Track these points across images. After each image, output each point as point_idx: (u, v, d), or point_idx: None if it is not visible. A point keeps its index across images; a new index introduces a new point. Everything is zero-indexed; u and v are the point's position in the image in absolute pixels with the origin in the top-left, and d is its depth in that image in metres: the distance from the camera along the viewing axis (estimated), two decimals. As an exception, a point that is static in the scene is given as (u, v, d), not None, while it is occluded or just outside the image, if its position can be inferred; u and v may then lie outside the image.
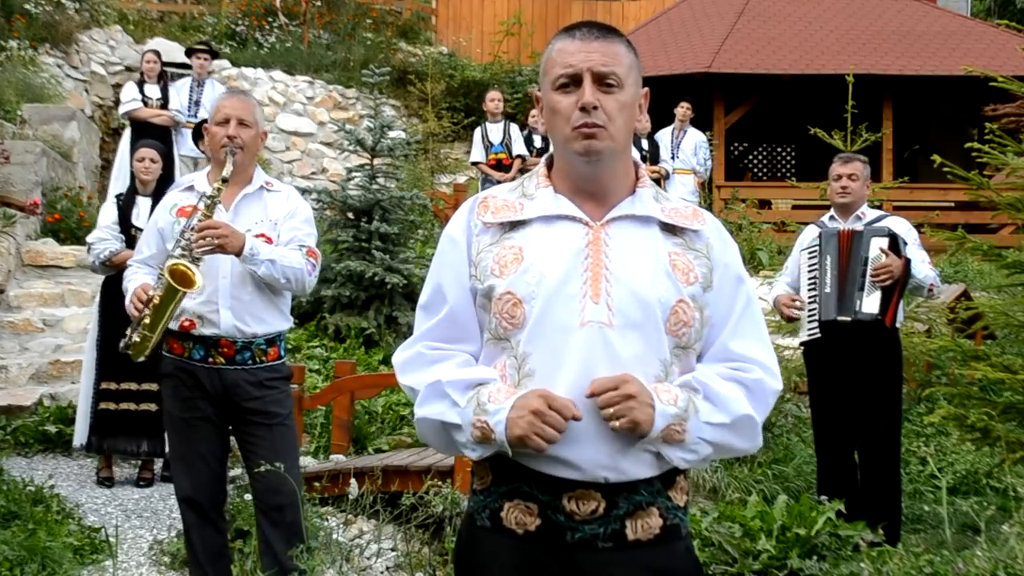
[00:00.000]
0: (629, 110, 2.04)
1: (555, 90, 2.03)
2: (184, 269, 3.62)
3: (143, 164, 6.13)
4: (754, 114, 14.38)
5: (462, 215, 2.12)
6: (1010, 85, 5.37)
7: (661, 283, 2.00)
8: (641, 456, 1.97)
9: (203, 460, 3.91)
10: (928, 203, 12.37)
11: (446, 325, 2.09)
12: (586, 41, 2.02)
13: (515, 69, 15.44)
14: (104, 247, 5.94)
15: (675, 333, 2.01)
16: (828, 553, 4.45)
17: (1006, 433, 4.96)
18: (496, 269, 2.02)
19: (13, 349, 8.08)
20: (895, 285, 5.15)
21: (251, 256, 3.74)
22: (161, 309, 3.68)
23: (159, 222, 3.98)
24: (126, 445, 6.13)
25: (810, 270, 5.39)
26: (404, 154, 9.82)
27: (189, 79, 10.35)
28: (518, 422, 1.91)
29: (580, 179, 2.06)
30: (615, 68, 2.01)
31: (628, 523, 1.99)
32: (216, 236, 3.66)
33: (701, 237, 2.09)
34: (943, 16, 15.12)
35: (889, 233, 5.20)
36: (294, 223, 3.96)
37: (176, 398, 3.92)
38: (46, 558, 4.59)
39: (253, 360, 3.89)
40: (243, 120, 3.87)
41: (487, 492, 2.06)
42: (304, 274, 3.88)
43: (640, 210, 2.05)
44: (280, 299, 3.97)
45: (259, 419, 3.90)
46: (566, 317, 1.97)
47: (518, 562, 2.01)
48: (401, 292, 8.58)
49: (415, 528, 5.22)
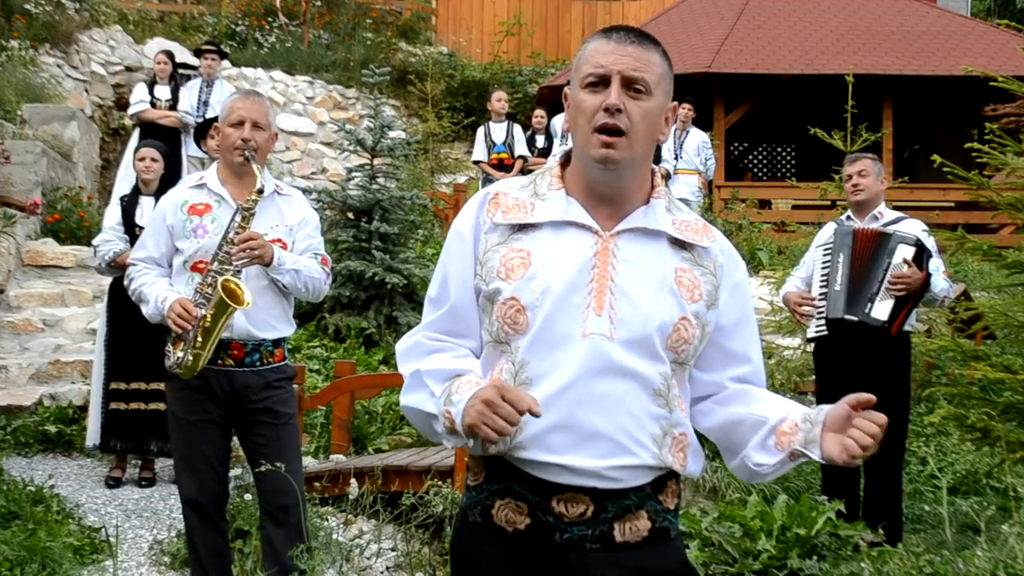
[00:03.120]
0: (654, 119, 2.03)
1: (583, 88, 2.02)
2: (234, 287, 3.63)
3: (144, 164, 6.16)
4: (754, 114, 14.38)
5: (471, 210, 2.10)
6: (1010, 85, 5.36)
7: (665, 300, 2.00)
8: (632, 467, 1.98)
9: (207, 463, 3.91)
10: (928, 203, 12.36)
11: (448, 319, 2.09)
12: (621, 44, 2.01)
13: (515, 69, 15.45)
14: (109, 248, 5.97)
15: (674, 349, 2.01)
16: (828, 553, 4.45)
17: (1006, 433, 4.96)
18: (502, 272, 2.01)
19: (13, 349, 8.08)
20: (909, 297, 5.13)
21: (279, 266, 3.79)
22: (212, 327, 3.68)
23: (168, 218, 3.91)
24: (136, 445, 6.17)
25: (823, 267, 5.36)
26: (404, 154, 9.82)
27: (199, 80, 10.35)
28: (470, 411, 1.91)
29: (594, 184, 2.04)
30: (645, 74, 2.00)
31: (616, 525, 2.00)
32: (255, 247, 3.69)
33: (710, 254, 2.08)
34: (943, 16, 15.13)
35: (917, 243, 5.12)
36: (308, 231, 4.00)
37: (182, 400, 3.91)
38: (46, 558, 4.59)
39: (261, 361, 3.90)
40: (257, 123, 3.85)
41: (479, 489, 2.08)
42: (321, 283, 3.96)
43: (651, 223, 2.04)
44: (289, 305, 4.01)
45: (266, 419, 3.90)
46: (568, 327, 1.97)
47: (506, 558, 2.02)
48: (401, 292, 8.58)
49: (415, 528, 5.22)
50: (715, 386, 2.12)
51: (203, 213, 3.85)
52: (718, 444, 2.16)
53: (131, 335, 6.07)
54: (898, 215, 5.52)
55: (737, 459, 2.10)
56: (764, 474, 2.07)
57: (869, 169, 5.37)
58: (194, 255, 3.82)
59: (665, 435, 2.00)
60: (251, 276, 3.80)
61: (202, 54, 10.48)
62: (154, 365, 6.07)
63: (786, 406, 2.08)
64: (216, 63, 10.42)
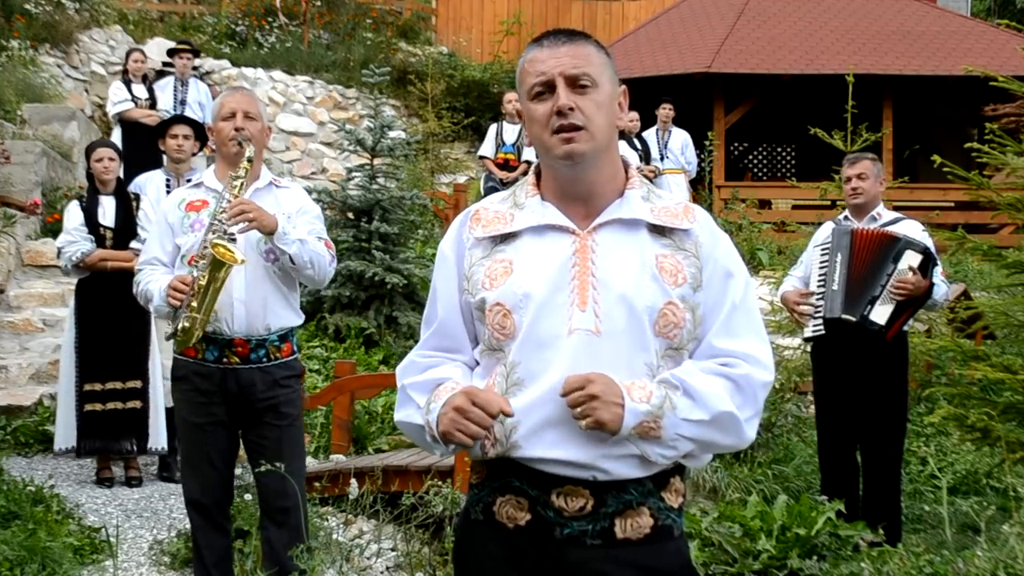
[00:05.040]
0: (607, 108, 2.05)
1: (531, 100, 2.06)
2: (223, 249, 3.61)
3: (102, 164, 6.13)
4: (754, 114, 14.38)
5: (454, 229, 2.16)
6: (1010, 85, 5.36)
7: (647, 287, 2.01)
8: (628, 457, 1.99)
9: (212, 464, 3.90)
10: (928, 203, 12.36)
11: (438, 336, 2.15)
12: (554, 47, 2.04)
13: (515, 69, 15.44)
14: (76, 249, 5.95)
15: (666, 335, 2.02)
16: (828, 553, 4.45)
17: (1006, 433, 4.96)
18: (487, 282, 2.05)
19: (13, 349, 8.08)
20: (909, 304, 5.12)
21: (283, 235, 3.75)
22: (207, 289, 3.63)
23: (168, 217, 3.93)
24: (113, 444, 6.12)
25: (821, 267, 5.36)
26: (404, 154, 9.82)
27: (172, 78, 10.35)
28: (443, 419, 1.98)
29: (566, 184, 2.07)
30: (586, 69, 2.02)
31: (617, 521, 2.00)
32: (249, 210, 3.67)
33: (691, 236, 2.08)
34: (943, 16, 15.12)
35: (924, 251, 5.10)
36: (308, 218, 3.98)
37: (189, 402, 3.90)
38: (46, 558, 4.59)
39: (268, 357, 3.87)
40: (248, 113, 3.87)
41: (481, 486, 2.10)
42: (326, 263, 3.90)
43: (627, 213, 2.06)
44: (291, 294, 3.96)
45: (271, 419, 3.89)
46: (554, 326, 1.99)
47: (507, 555, 2.04)
48: (401, 292, 8.59)
49: (415, 528, 5.22)
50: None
51: (200, 209, 3.86)
52: None
53: (102, 335, 6.05)
54: (896, 215, 5.51)
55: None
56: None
57: (868, 172, 5.35)
58: (191, 249, 3.81)
59: None
60: (249, 262, 3.77)
61: (176, 53, 10.51)
62: (129, 363, 6.11)
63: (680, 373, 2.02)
64: (190, 61, 10.47)
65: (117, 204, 6.10)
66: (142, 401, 6.11)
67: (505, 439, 2.00)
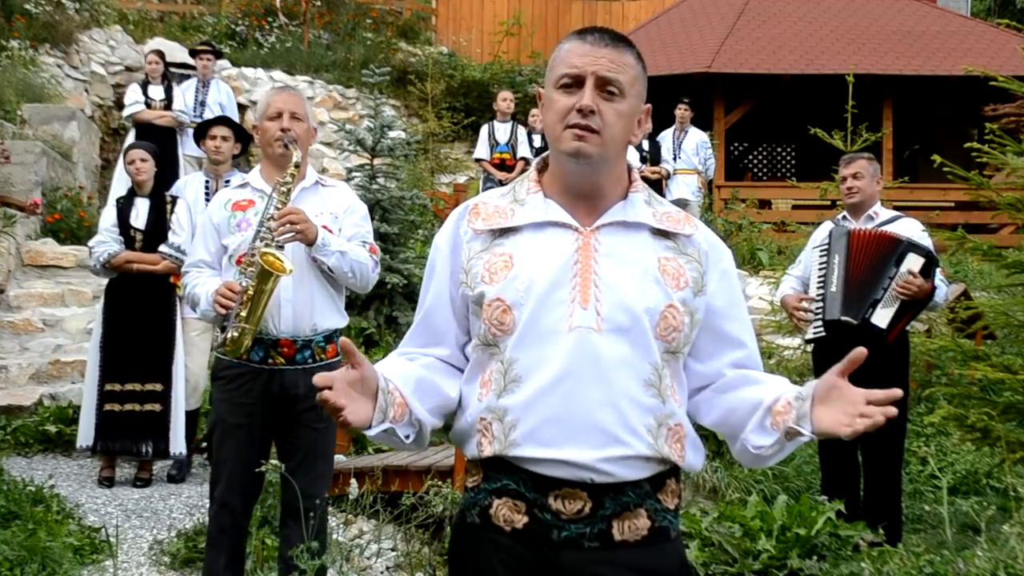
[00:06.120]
0: (627, 121, 2.04)
1: (557, 88, 2.03)
2: (272, 258, 3.60)
3: (134, 166, 6.18)
4: (754, 114, 14.38)
5: (450, 222, 2.14)
6: (1010, 85, 5.36)
7: (650, 289, 2.01)
8: (626, 458, 1.98)
9: (245, 466, 3.84)
10: (928, 203, 12.37)
11: (421, 330, 2.17)
12: (596, 46, 2.01)
13: (515, 69, 15.44)
14: (104, 249, 6.00)
15: (664, 338, 2.02)
16: (828, 553, 4.45)
17: (1006, 433, 4.96)
18: (486, 276, 2.04)
19: (13, 349, 8.08)
20: (911, 307, 5.12)
21: (322, 246, 3.73)
22: (256, 299, 3.62)
23: (214, 218, 3.90)
24: (130, 446, 6.13)
25: (819, 268, 5.35)
26: (404, 154, 9.82)
27: (195, 80, 10.34)
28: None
29: (571, 181, 2.06)
30: (619, 76, 2.00)
31: (615, 523, 2.00)
32: (297, 222, 3.66)
33: (693, 242, 2.10)
34: (943, 16, 15.13)
35: (927, 254, 5.10)
36: (355, 219, 3.95)
37: (231, 403, 3.85)
38: (46, 558, 4.59)
39: (313, 358, 3.84)
40: (295, 114, 3.85)
41: (477, 489, 2.08)
42: (368, 270, 3.88)
43: (631, 216, 2.06)
44: (338, 295, 3.94)
45: (310, 422, 3.82)
46: (554, 322, 1.98)
47: (505, 559, 2.02)
48: (401, 292, 8.58)
49: (415, 528, 5.22)
50: (714, 375, 2.12)
51: (246, 208, 3.83)
52: (722, 432, 2.15)
53: (127, 336, 6.08)
54: (894, 214, 5.51)
55: (738, 443, 2.09)
56: (765, 456, 2.05)
57: (864, 171, 5.36)
58: (239, 249, 3.78)
59: (660, 426, 2.00)
60: (297, 263, 3.74)
61: (197, 54, 10.48)
62: (150, 366, 6.13)
63: (782, 386, 2.08)
64: (212, 63, 10.43)
65: (151, 206, 6.13)
66: (162, 404, 6.11)
67: (503, 436, 1.99)
